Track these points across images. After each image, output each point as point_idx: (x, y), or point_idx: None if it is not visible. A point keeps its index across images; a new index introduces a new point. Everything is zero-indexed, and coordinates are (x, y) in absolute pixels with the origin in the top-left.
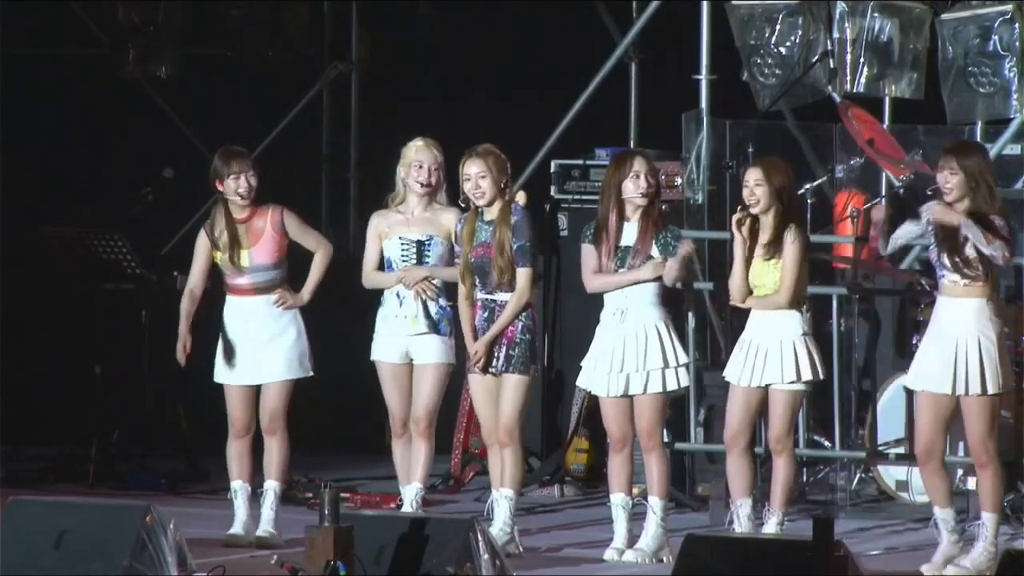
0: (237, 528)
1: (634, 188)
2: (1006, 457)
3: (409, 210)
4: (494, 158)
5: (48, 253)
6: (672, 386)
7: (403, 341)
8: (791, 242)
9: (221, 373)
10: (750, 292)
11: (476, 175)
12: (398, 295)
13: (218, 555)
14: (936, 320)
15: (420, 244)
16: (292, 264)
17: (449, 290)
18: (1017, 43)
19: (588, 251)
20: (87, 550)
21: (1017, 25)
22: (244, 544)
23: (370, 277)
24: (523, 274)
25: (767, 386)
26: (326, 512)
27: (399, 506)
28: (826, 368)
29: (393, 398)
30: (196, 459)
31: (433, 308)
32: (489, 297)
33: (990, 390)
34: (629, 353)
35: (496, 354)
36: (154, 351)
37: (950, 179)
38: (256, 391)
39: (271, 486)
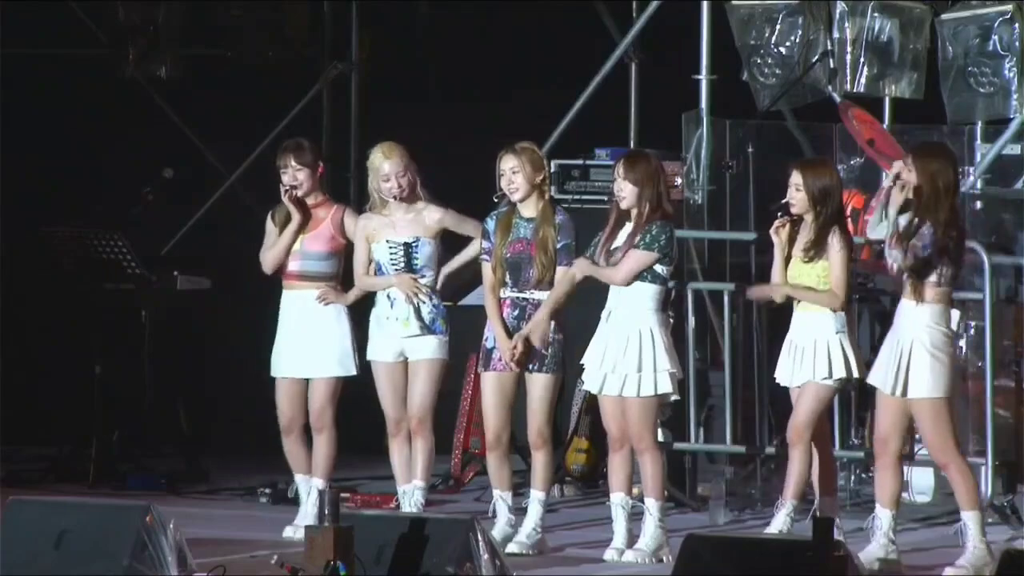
0: (300, 520)
1: (614, 189)
2: (1006, 457)
3: (392, 213)
4: (529, 155)
5: (48, 253)
6: (647, 391)
7: (397, 341)
8: (837, 246)
9: (274, 366)
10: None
11: (509, 170)
12: (389, 296)
13: (218, 555)
14: (894, 320)
15: (408, 247)
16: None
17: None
18: (1017, 43)
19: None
20: (87, 550)
21: (1017, 25)
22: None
23: (362, 281)
24: (562, 272)
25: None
26: (326, 512)
27: (399, 506)
28: (862, 369)
29: (387, 398)
30: (196, 459)
31: (425, 309)
32: (520, 295)
33: (910, 394)
34: (610, 354)
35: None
36: (154, 351)
37: (909, 177)
38: (303, 386)
39: (315, 484)
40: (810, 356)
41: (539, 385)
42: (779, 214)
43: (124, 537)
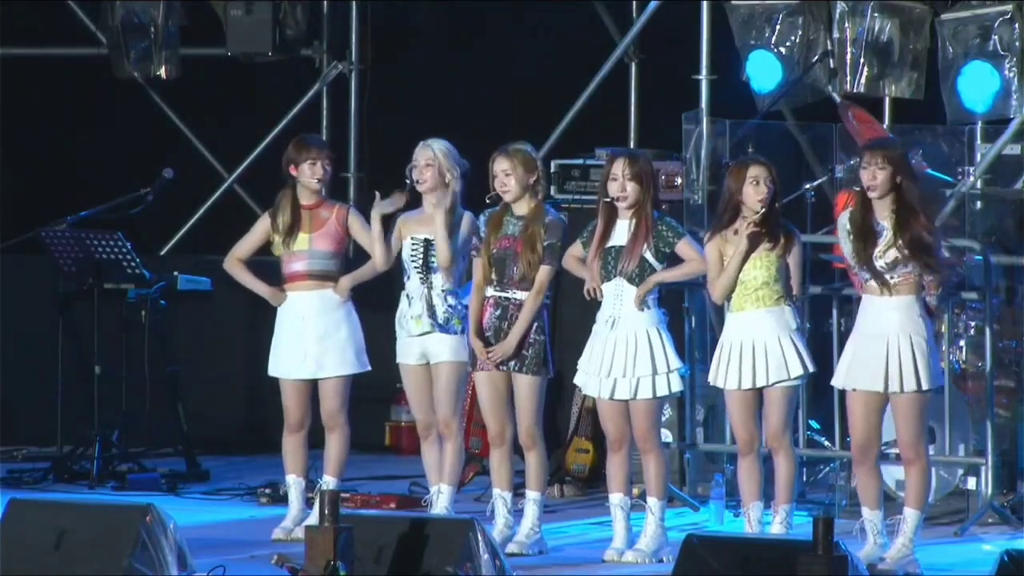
0: (287, 523)
1: (614, 189)
2: (1006, 457)
3: (422, 210)
4: (521, 156)
5: (48, 253)
6: (662, 392)
7: (416, 342)
8: (796, 241)
9: (275, 366)
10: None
11: (502, 173)
12: (408, 296)
13: (218, 555)
14: (863, 319)
15: (428, 243)
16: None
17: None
18: (1017, 43)
19: (576, 248)
20: (87, 550)
21: (1017, 25)
22: (291, 540)
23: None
24: (544, 271)
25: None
26: (326, 512)
27: (428, 505)
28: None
29: (413, 401)
30: (196, 459)
31: (440, 308)
32: (503, 294)
33: (924, 386)
34: (618, 359)
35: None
36: (154, 351)
37: (878, 175)
38: (311, 386)
39: (327, 481)
40: (776, 355)
41: (523, 386)
42: (753, 214)
43: (124, 537)
